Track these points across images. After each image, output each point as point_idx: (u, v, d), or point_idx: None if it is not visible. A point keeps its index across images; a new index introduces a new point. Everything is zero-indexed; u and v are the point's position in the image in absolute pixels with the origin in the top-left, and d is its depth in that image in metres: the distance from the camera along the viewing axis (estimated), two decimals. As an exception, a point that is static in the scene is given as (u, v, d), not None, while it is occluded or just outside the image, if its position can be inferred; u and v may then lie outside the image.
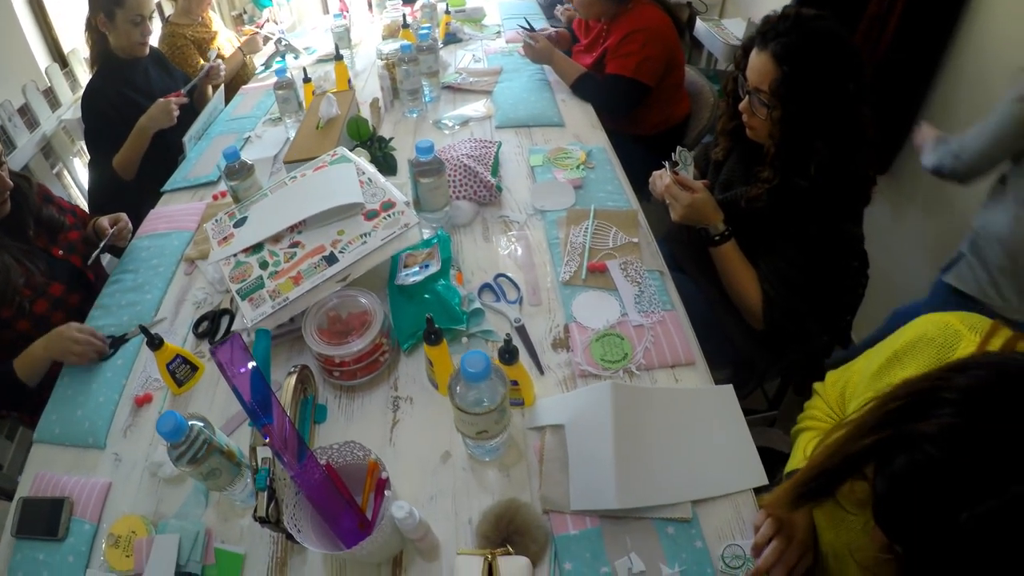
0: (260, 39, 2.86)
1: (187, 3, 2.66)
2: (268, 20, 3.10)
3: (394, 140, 1.78)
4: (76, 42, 2.74)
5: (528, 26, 2.33)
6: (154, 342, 1.18)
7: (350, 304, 1.21)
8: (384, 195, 1.32)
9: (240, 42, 2.84)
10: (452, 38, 2.60)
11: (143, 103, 2.13)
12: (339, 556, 0.96)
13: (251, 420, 0.87)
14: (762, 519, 0.92)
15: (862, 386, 0.90)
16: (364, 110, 2.01)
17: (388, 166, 1.70)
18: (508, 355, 1.01)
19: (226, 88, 2.48)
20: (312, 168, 1.46)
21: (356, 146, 1.67)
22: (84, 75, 2.78)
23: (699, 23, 3.05)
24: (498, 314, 1.31)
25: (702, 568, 0.90)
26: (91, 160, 2.32)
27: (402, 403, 1.17)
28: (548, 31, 2.45)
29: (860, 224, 1.34)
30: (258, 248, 1.29)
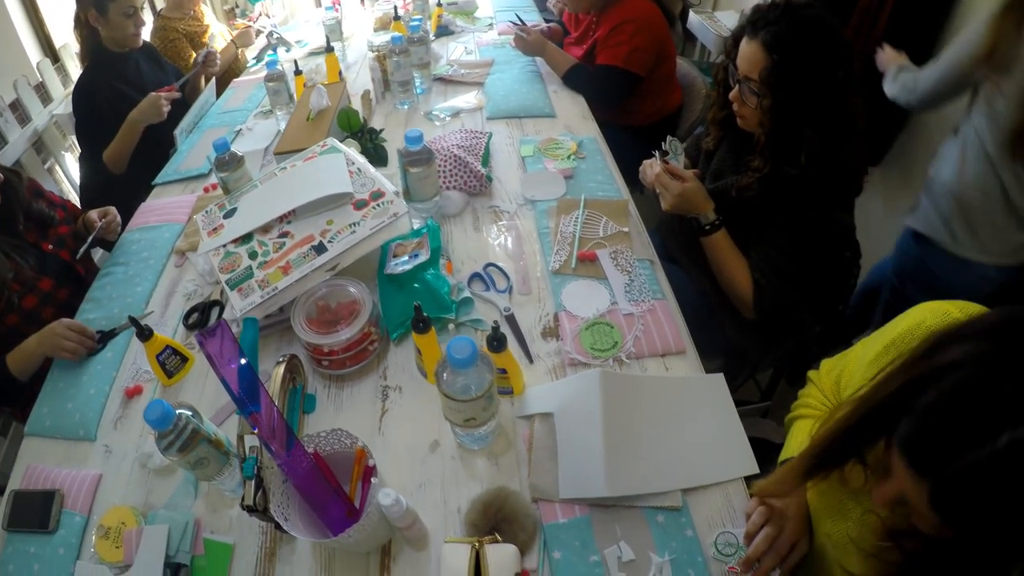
0: (253, 32, 2.86)
1: (179, -4, 2.65)
2: (261, 14, 3.09)
3: (385, 131, 1.78)
4: (67, 37, 2.72)
5: (520, 22, 2.33)
6: (144, 333, 1.17)
7: (339, 293, 1.21)
8: (373, 185, 1.31)
9: (232, 35, 2.83)
10: (444, 30, 2.59)
11: (135, 96, 2.13)
12: (327, 546, 0.95)
13: (238, 409, 0.87)
14: (754, 507, 0.91)
15: (859, 374, 0.90)
16: (355, 102, 2.00)
17: (379, 157, 1.69)
18: (496, 343, 1.00)
19: (218, 82, 2.47)
20: (302, 159, 1.45)
21: (346, 137, 1.67)
22: (75, 70, 2.76)
23: (692, 15, 3.05)
24: (487, 303, 1.31)
25: (692, 557, 0.89)
26: (82, 154, 2.31)
27: (391, 392, 1.17)
28: (540, 26, 2.44)
29: (851, 214, 1.34)
30: (247, 238, 1.29)
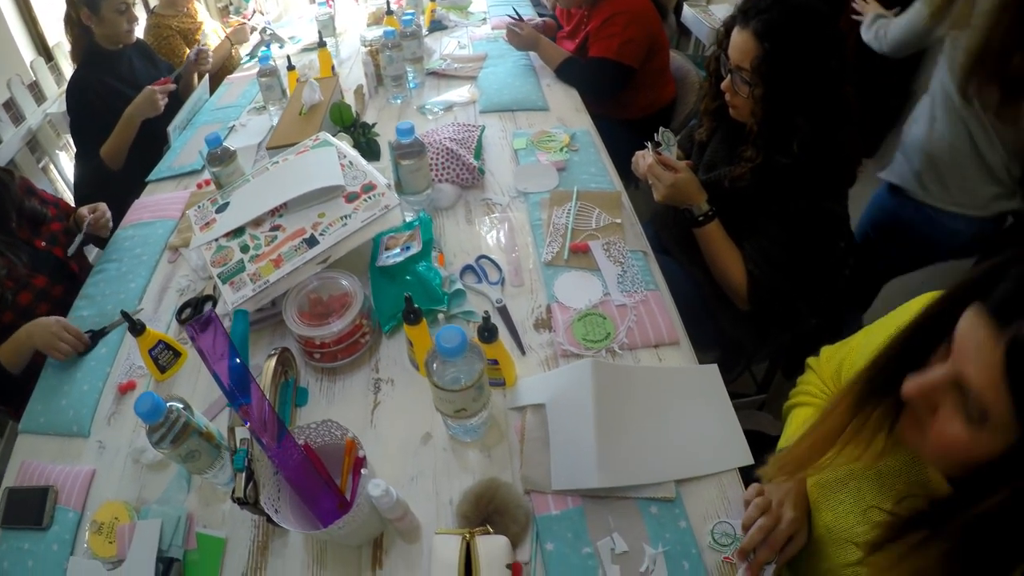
0: (248, 29, 2.86)
1: (172, -7, 2.64)
2: (255, 11, 3.09)
3: (378, 126, 1.77)
4: (61, 36, 2.69)
5: (516, 16, 2.32)
6: (136, 328, 1.17)
7: (331, 286, 1.21)
8: (365, 178, 1.31)
9: (226, 32, 2.83)
10: (437, 25, 2.58)
11: (128, 93, 2.13)
12: (320, 539, 0.95)
13: (229, 401, 0.86)
14: (752, 494, 0.91)
15: (861, 361, 0.87)
16: (348, 97, 1.99)
17: (371, 151, 1.69)
18: (487, 333, 1.00)
19: (212, 79, 2.47)
20: (294, 153, 1.45)
21: (339, 131, 1.66)
22: (69, 69, 2.75)
23: (686, 9, 3.04)
24: (480, 295, 1.30)
25: (686, 548, 0.89)
26: (77, 152, 2.31)
27: (383, 385, 1.16)
28: (535, 21, 2.44)
29: (845, 204, 1.34)
30: (239, 232, 1.28)
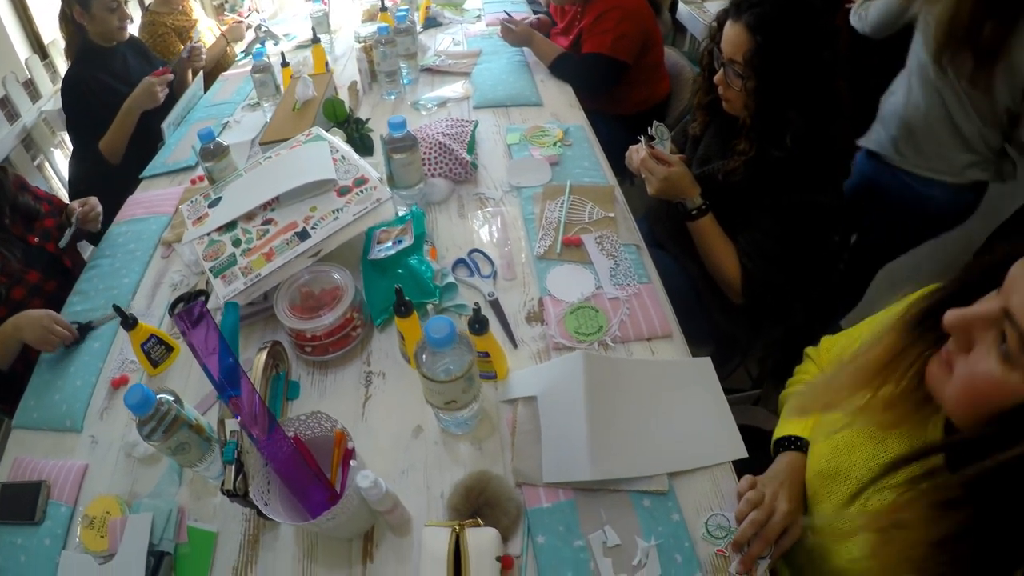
0: (243, 27, 2.86)
1: (167, -9, 2.64)
2: (251, 9, 3.08)
3: (371, 121, 1.77)
4: (56, 33, 2.71)
5: (508, 14, 2.32)
6: (128, 322, 1.17)
7: (323, 280, 1.20)
8: (357, 172, 1.31)
9: (222, 30, 2.83)
10: (432, 22, 2.58)
11: (123, 90, 2.14)
12: (311, 532, 0.95)
13: (219, 393, 0.86)
14: (745, 487, 0.90)
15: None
16: (343, 94, 1.99)
17: (365, 147, 1.69)
18: (478, 325, 1.00)
19: (207, 76, 2.47)
20: (287, 148, 1.45)
21: (332, 127, 1.66)
22: (64, 66, 2.74)
23: (681, 6, 3.03)
24: (472, 288, 1.30)
25: (679, 541, 0.88)
26: (74, 149, 2.32)
27: (375, 378, 1.16)
28: (529, 18, 2.44)
29: (839, 196, 1.34)
30: (231, 226, 1.28)
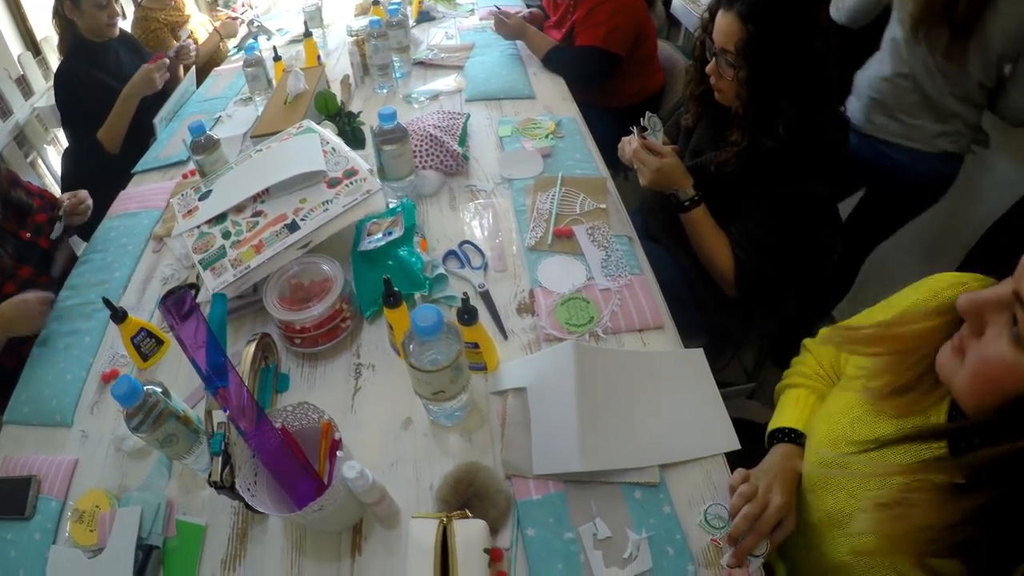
0: (237, 23, 2.85)
1: (159, -13, 2.63)
2: (244, 5, 3.07)
3: (363, 115, 1.76)
4: (49, 30, 2.69)
5: (498, 8, 2.31)
6: (118, 315, 1.16)
7: (312, 271, 1.20)
8: (347, 163, 1.30)
9: (215, 26, 2.82)
10: (425, 16, 2.57)
11: (115, 86, 2.14)
12: (299, 526, 0.94)
13: (206, 385, 0.86)
14: (738, 480, 0.90)
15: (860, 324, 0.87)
16: (335, 88, 1.98)
17: (356, 140, 1.68)
18: (467, 315, 0.99)
19: (199, 72, 2.46)
20: (277, 141, 1.44)
21: (324, 120, 1.65)
22: (57, 63, 2.74)
23: (676, 0, 3.03)
24: (462, 280, 1.30)
25: (671, 534, 0.88)
26: (68, 145, 2.31)
27: (364, 370, 1.16)
28: (522, 12, 2.43)
29: (831, 187, 1.33)
30: (221, 219, 1.28)
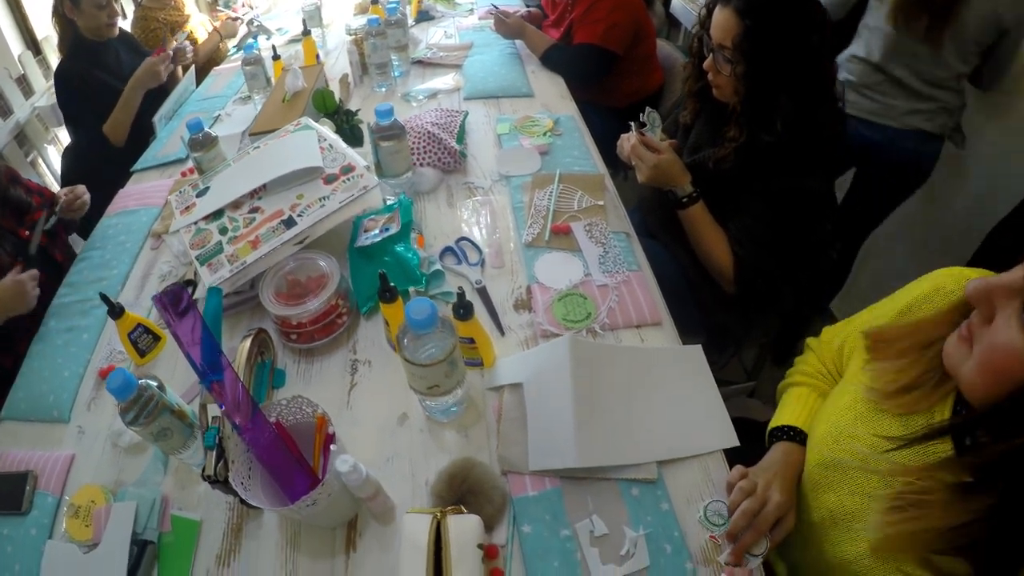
0: (237, 24, 2.85)
1: (159, -14, 2.64)
2: (244, 4, 3.08)
3: (361, 113, 1.76)
4: (49, 29, 2.69)
5: (496, 8, 2.32)
6: (115, 310, 1.16)
7: (309, 267, 1.20)
8: (344, 160, 1.31)
9: (215, 26, 2.82)
10: (424, 16, 2.58)
11: (116, 85, 2.15)
12: (294, 522, 0.94)
13: (200, 378, 0.85)
14: (736, 477, 0.89)
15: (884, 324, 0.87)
16: (334, 87, 1.98)
17: (355, 137, 1.68)
18: (462, 310, 0.99)
19: (199, 72, 2.46)
20: (275, 138, 1.44)
21: (322, 118, 1.65)
22: (57, 62, 2.75)
23: (675, 0, 3.03)
24: (459, 276, 1.29)
25: (668, 531, 0.87)
26: (71, 143, 2.33)
27: (360, 366, 1.15)
28: (520, 11, 2.44)
29: (829, 183, 1.33)
30: (218, 215, 1.28)
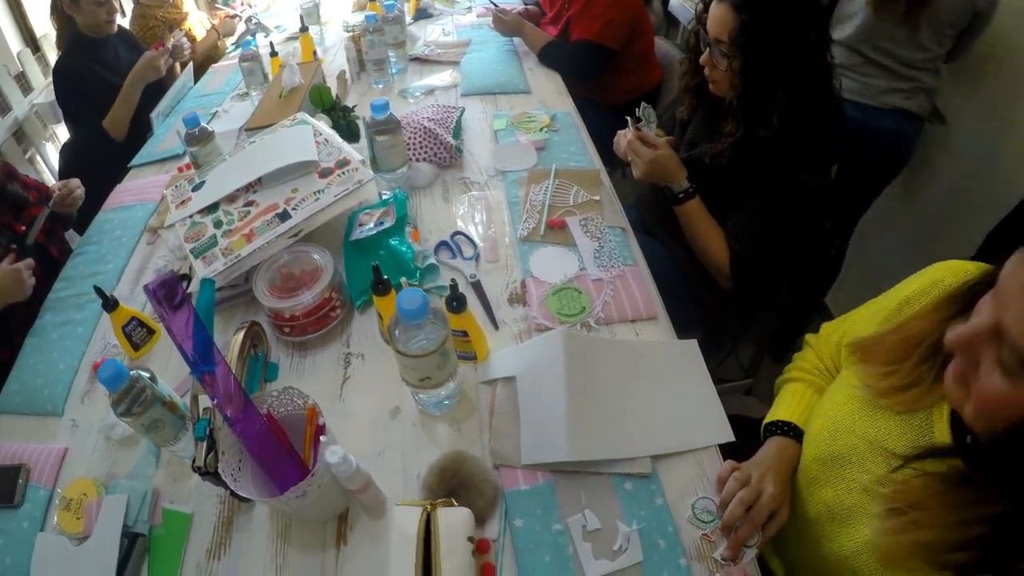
0: (236, 22, 2.86)
1: (157, -17, 2.64)
2: (243, 2, 3.08)
3: (358, 109, 1.76)
4: (48, 27, 2.70)
5: (494, 4, 2.32)
6: (109, 303, 1.16)
7: (303, 260, 1.20)
8: (340, 154, 1.31)
9: (213, 24, 2.83)
10: (423, 14, 2.58)
11: (114, 81, 2.16)
12: (285, 515, 0.94)
13: (192, 369, 0.85)
14: (727, 471, 0.89)
15: (867, 334, 0.87)
16: (331, 84, 1.98)
17: (351, 134, 1.67)
18: (455, 302, 0.98)
19: (197, 69, 2.46)
20: (271, 132, 1.44)
21: (318, 114, 1.65)
22: (55, 59, 2.75)
23: (674, -1, 3.03)
24: (454, 270, 1.29)
25: (662, 526, 0.86)
26: (70, 138, 2.33)
27: (354, 359, 1.15)
28: (518, 8, 2.44)
29: (826, 179, 1.33)
30: (213, 208, 1.28)
